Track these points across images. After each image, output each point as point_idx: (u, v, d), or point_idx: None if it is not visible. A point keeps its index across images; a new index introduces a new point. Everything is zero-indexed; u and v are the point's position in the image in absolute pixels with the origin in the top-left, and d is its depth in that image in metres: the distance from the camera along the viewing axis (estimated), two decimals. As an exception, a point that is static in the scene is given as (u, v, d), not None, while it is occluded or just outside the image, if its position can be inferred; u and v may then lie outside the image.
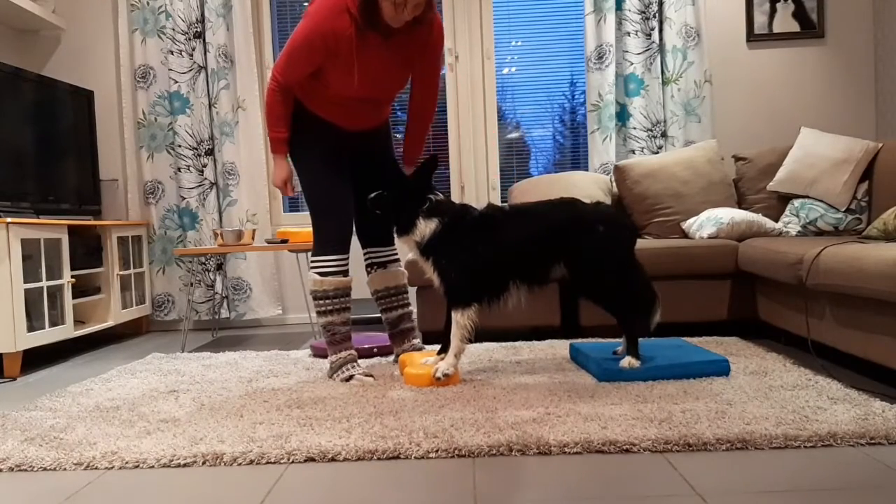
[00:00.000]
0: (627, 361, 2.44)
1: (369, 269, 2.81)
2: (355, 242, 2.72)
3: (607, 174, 4.01)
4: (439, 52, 2.62)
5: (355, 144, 2.64)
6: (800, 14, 4.18)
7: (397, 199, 2.52)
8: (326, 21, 2.35)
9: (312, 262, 2.63)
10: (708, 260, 3.23)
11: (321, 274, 2.60)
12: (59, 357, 3.51)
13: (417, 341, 2.87)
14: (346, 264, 2.64)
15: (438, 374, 2.42)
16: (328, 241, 2.61)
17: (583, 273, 2.50)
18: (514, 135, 4.46)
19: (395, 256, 2.83)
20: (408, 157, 2.77)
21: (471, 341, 2.48)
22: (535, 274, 2.52)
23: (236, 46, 4.17)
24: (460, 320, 2.44)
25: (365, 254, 2.82)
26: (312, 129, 2.58)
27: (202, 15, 4.18)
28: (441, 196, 2.53)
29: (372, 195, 2.56)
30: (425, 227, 2.47)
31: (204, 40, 4.18)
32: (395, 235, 2.56)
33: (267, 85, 2.55)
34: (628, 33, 4.09)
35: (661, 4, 4.07)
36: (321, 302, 2.61)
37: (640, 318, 2.51)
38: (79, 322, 3.63)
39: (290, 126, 2.57)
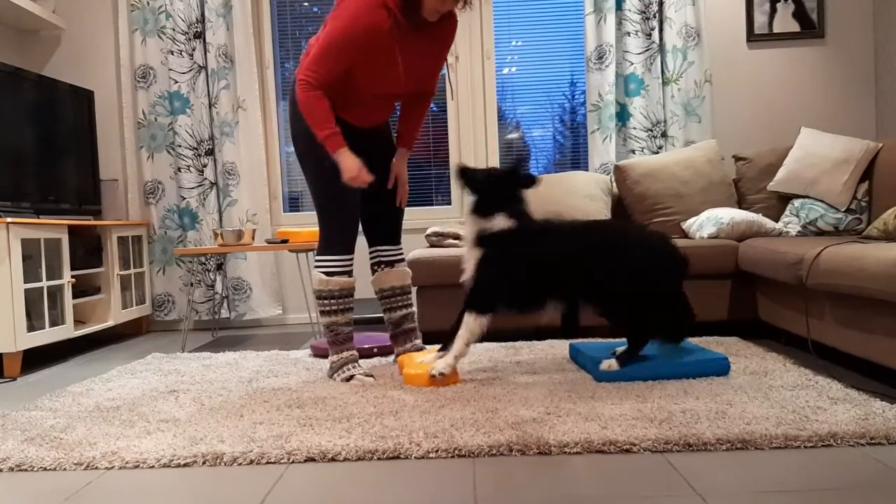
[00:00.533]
0: (607, 364, 2.43)
1: (375, 267, 2.80)
2: (361, 243, 2.72)
3: (607, 174, 4.02)
4: (451, 44, 2.66)
5: (362, 142, 2.64)
6: (800, 14, 4.19)
7: (502, 182, 2.49)
8: (364, 16, 2.34)
9: (318, 261, 2.62)
10: (708, 260, 3.23)
11: (327, 273, 2.60)
12: (59, 357, 3.51)
13: (419, 341, 2.86)
14: (352, 264, 2.64)
15: (434, 372, 2.42)
16: (335, 240, 2.61)
17: (617, 299, 2.46)
18: (513, 135, 4.46)
19: (402, 256, 2.82)
20: (404, 142, 2.75)
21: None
22: (571, 298, 2.50)
23: (236, 46, 4.17)
24: (471, 324, 2.43)
25: (371, 252, 2.81)
26: None
27: (202, 15, 4.18)
28: (528, 209, 2.51)
29: (469, 167, 2.52)
30: (500, 223, 2.44)
31: (204, 40, 4.19)
32: (470, 208, 2.50)
33: (296, 90, 2.41)
34: (628, 33, 4.09)
35: (661, 4, 4.07)
36: (326, 302, 2.61)
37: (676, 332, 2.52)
38: (79, 322, 3.64)
39: (334, 119, 2.44)
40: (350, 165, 2.45)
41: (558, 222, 2.53)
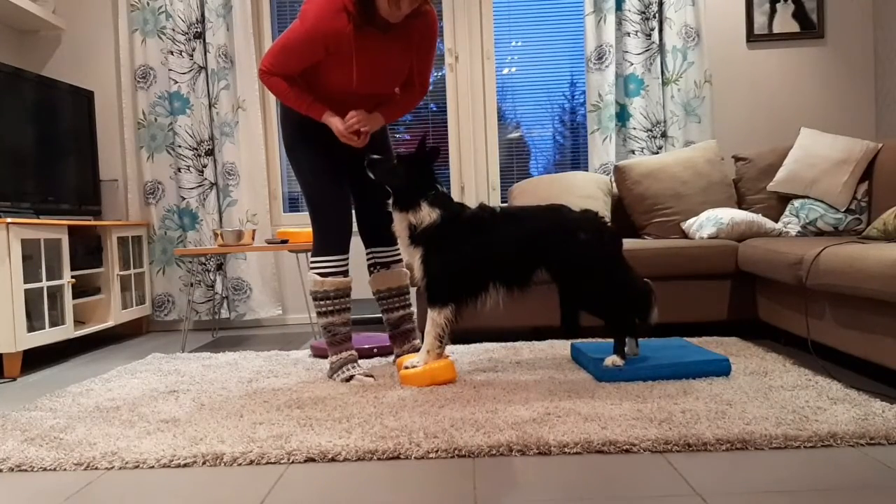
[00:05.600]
0: (611, 360, 2.45)
1: (372, 269, 2.81)
2: (355, 243, 2.72)
3: (607, 174, 4.01)
4: (434, 42, 2.60)
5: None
6: (800, 14, 4.19)
7: (410, 171, 2.50)
8: (324, 20, 2.36)
9: (312, 262, 2.63)
10: (708, 260, 3.23)
11: (321, 274, 2.60)
12: (59, 357, 3.51)
13: (418, 342, 2.86)
14: (346, 265, 2.64)
15: (408, 364, 2.51)
16: (328, 241, 2.62)
17: (565, 279, 2.50)
18: (514, 134, 4.46)
19: (399, 257, 2.82)
20: (381, 110, 2.60)
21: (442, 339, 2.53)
22: (516, 278, 2.53)
23: (236, 47, 4.17)
24: (436, 319, 2.49)
25: (368, 254, 2.81)
26: (310, 129, 2.57)
27: (202, 15, 4.18)
28: (445, 190, 2.57)
29: (375, 157, 2.53)
30: (426, 215, 2.47)
31: (204, 41, 4.19)
32: (392, 207, 2.53)
33: (258, 80, 2.51)
34: (628, 34, 4.09)
35: (661, 5, 4.07)
36: (321, 303, 2.61)
37: (634, 317, 2.51)
38: (79, 322, 3.63)
39: (307, 91, 2.49)
40: (336, 129, 2.48)
41: (484, 208, 2.59)
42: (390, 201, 2.54)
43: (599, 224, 2.53)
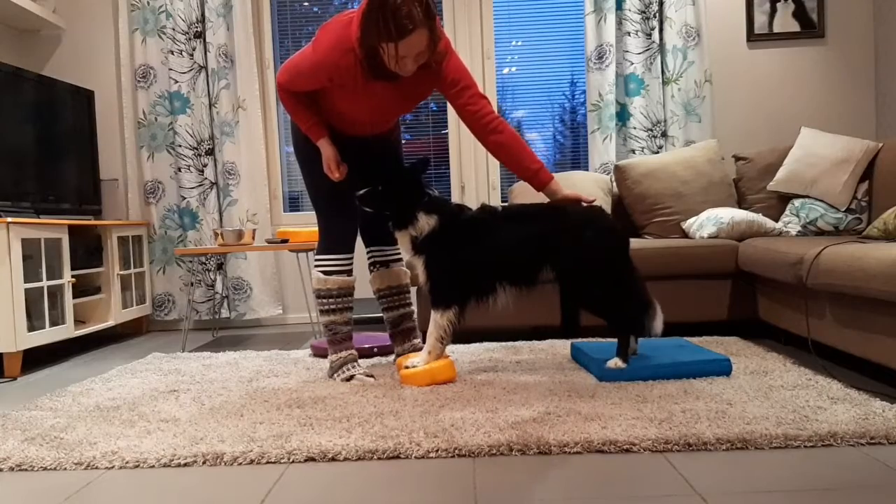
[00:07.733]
0: (614, 362, 2.44)
1: (372, 267, 2.81)
2: (358, 242, 2.72)
3: (607, 174, 4.01)
4: (455, 75, 2.46)
5: (361, 144, 2.64)
6: (800, 14, 4.19)
7: (397, 191, 2.52)
8: (332, 57, 2.33)
9: (317, 260, 2.64)
10: (708, 260, 3.23)
11: (325, 272, 2.61)
12: (59, 357, 3.51)
13: (418, 341, 2.86)
14: (350, 264, 2.65)
15: (408, 363, 2.51)
16: (332, 240, 2.63)
17: (569, 277, 2.49)
18: None
19: (398, 256, 2.83)
20: (533, 183, 2.50)
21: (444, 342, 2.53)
22: (523, 277, 2.52)
23: (237, 46, 4.17)
24: (439, 320, 2.49)
25: (368, 252, 2.82)
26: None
27: (202, 15, 4.18)
28: (436, 193, 2.57)
29: (361, 192, 2.54)
30: (425, 223, 2.48)
31: (204, 40, 4.19)
32: (392, 228, 2.55)
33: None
34: (628, 33, 4.09)
35: (661, 4, 4.07)
36: (324, 301, 2.62)
37: (633, 320, 2.49)
38: (79, 322, 3.64)
39: (314, 111, 2.50)
40: (324, 156, 2.51)
41: (485, 209, 2.58)
42: (389, 224, 2.55)
43: (606, 220, 2.52)
